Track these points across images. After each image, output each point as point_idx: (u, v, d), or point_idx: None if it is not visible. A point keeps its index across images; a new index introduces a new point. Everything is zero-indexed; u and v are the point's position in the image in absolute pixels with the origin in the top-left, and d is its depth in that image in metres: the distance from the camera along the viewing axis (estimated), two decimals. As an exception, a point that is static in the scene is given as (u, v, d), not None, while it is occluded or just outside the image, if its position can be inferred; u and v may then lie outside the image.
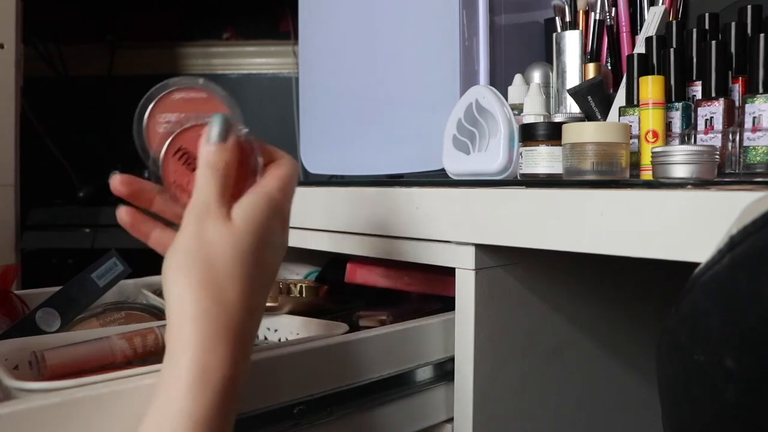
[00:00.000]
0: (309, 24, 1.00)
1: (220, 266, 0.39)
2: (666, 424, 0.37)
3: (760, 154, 0.56)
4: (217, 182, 0.42)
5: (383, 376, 0.55)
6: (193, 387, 0.36)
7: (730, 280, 0.31)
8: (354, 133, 0.91)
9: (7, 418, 0.36)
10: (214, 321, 0.38)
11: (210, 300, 0.38)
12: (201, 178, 0.42)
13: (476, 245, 0.57)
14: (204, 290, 0.38)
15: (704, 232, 0.42)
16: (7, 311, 0.66)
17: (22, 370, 0.52)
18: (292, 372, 0.49)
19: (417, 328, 0.58)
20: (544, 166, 0.62)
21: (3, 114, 1.37)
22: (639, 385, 0.78)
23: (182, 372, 0.36)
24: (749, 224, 0.31)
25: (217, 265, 0.39)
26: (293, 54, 1.91)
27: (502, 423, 0.61)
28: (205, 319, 0.38)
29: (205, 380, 0.36)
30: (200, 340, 0.37)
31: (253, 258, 0.41)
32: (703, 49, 0.61)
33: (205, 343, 0.37)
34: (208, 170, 0.42)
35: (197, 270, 0.39)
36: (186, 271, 0.39)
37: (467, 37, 0.77)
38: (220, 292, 0.39)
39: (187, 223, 0.41)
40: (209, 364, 0.37)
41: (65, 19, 1.92)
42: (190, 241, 0.40)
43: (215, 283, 0.39)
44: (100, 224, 1.62)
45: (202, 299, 0.38)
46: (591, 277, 0.70)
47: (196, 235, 0.40)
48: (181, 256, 0.40)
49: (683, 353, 0.34)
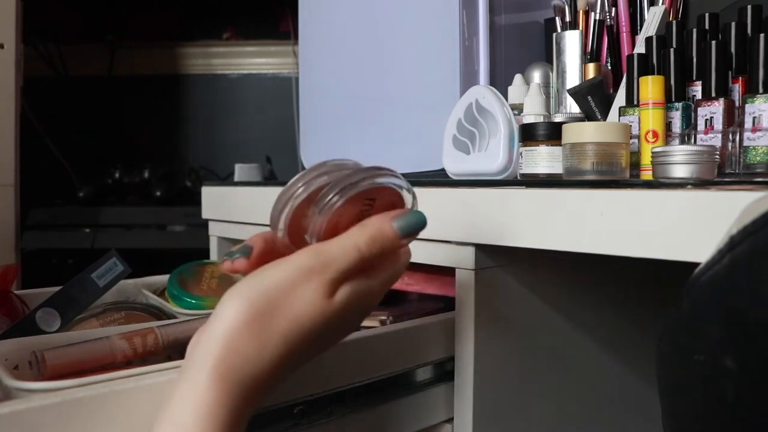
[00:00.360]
0: (309, 24, 1.00)
1: (282, 325, 0.37)
2: (666, 424, 0.37)
3: (760, 154, 0.56)
4: (355, 260, 0.38)
5: (383, 376, 0.55)
6: (197, 424, 0.35)
7: (730, 280, 0.31)
8: (354, 133, 0.91)
9: (7, 418, 0.36)
10: (239, 373, 0.36)
11: (248, 341, 0.36)
12: (348, 241, 0.38)
13: (476, 245, 0.57)
14: (248, 331, 0.36)
15: (704, 232, 0.42)
16: (7, 311, 0.66)
17: (22, 370, 0.52)
18: (292, 372, 0.49)
19: (417, 328, 0.58)
20: (544, 166, 0.62)
21: (3, 114, 1.37)
22: (639, 385, 0.78)
23: (191, 404, 0.36)
24: (749, 224, 0.31)
25: (281, 323, 0.37)
26: (293, 54, 1.92)
27: (502, 423, 0.61)
28: (232, 366, 0.36)
29: (211, 421, 0.35)
30: (218, 387, 0.36)
31: (317, 341, 0.38)
32: (703, 49, 0.61)
33: (222, 391, 0.36)
34: (361, 241, 0.38)
35: (256, 312, 0.36)
36: (248, 304, 0.37)
37: (467, 37, 0.77)
38: (264, 344, 0.37)
39: (288, 268, 0.38)
40: (220, 407, 0.36)
41: (65, 19, 1.92)
42: (278, 283, 0.37)
43: (266, 332, 0.37)
44: (100, 224, 1.62)
45: (242, 335, 0.36)
46: (591, 277, 0.70)
47: (289, 283, 0.37)
48: (255, 290, 0.37)
49: (683, 353, 0.34)
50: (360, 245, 0.38)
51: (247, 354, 0.36)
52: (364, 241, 0.38)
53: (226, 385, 0.36)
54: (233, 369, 0.36)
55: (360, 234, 0.39)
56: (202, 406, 0.35)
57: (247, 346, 0.37)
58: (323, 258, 0.38)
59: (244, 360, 0.36)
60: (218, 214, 0.95)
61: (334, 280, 0.38)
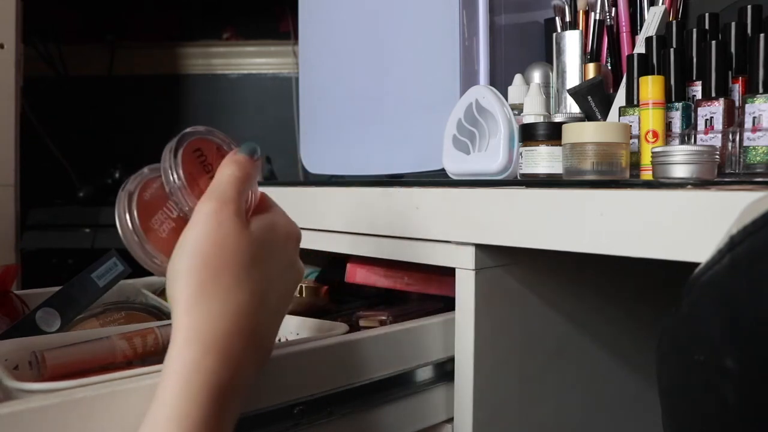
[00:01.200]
0: (309, 24, 1.00)
1: (232, 268, 0.39)
2: (666, 425, 0.37)
3: (760, 154, 0.56)
4: (238, 184, 0.41)
5: (383, 376, 0.55)
6: (180, 394, 0.36)
7: (730, 280, 0.31)
8: (354, 133, 0.91)
9: (7, 418, 0.36)
10: (209, 333, 0.38)
11: (214, 302, 0.38)
12: (223, 176, 0.42)
13: (476, 245, 0.57)
14: (208, 296, 0.38)
15: (704, 232, 0.42)
16: (7, 311, 0.66)
17: (22, 370, 0.52)
18: (292, 372, 0.49)
19: (417, 328, 0.58)
20: (544, 166, 0.62)
21: (3, 114, 1.37)
22: (639, 385, 0.78)
23: (171, 376, 0.37)
24: (749, 224, 0.31)
25: (230, 266, 0.39)
26: (293, 54, 1.91)
27: (502, 423, 0.61)
28: (198, 329, 0.38)
29: (193, 386, 0.36)
30: (192, 350, 0.37)
31: (266, 271, 0.40)
32: (703, 49, 0.61)
33: (197, 353, 0.37)
34: (233, 168, 0.42)
35: (206, 273, 0.39)
36: (196, 274, 0.39)
37: (467, 37, 0.77)
38: (226, 296, 0.39)
39: (197, 221, 0.40)
40: (199, 371, 0.37)
41: (65, 19, 1.92)
42: (202, 242, 0.39)
43: (223, 288, 0.39)
44: (100, 224, 1.62)
45: (203, 304, 0.38)
46: (591, 277, 0.70)
47: (210, 230, 0.39)
48: (189, 259, 0.39)
49: (683, 353, 0.34)
50: (232, 173, 0.42)
51: (210, 312, 0.38)
52: (232, 170, 0.42)
53: (201, 346, 0.37)
54: (203, 330, 0.38)
55: (225, 167, 0.43)
56: (180, 372, 0.36)
57: (209, 305, 0.38)
58: (216, 195, 0.41)
59: (210, 317, 0.38)
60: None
61: (239, 210, 0.41)
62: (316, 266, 0.92)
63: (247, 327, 0.40)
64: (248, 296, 0.40)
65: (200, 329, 0.38)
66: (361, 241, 0.68)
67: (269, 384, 0.48)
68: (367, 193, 0.67)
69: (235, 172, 0.42)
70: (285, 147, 1.79)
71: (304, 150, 1.01)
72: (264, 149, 0.46)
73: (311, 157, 0.99)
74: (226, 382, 0.38)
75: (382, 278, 0.72)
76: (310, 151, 0.99)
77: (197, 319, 0.38)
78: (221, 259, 0.39)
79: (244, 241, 0.40)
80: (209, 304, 0.38)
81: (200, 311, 0.38)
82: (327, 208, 0.72)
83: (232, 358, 0.38)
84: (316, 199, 0.74)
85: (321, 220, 0.73)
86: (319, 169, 0.99)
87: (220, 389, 0.37)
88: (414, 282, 0.72)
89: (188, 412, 0.36)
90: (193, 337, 0.37)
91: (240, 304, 0.39)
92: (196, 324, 0.38)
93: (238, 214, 0.41)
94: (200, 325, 0.38)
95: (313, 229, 0.74)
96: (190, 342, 0.37)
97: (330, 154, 0.96)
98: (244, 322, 0.39)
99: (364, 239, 0.68)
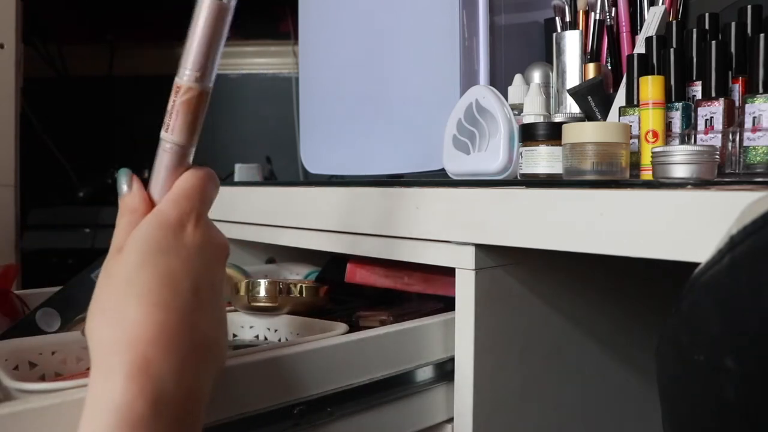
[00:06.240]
0: (309, 24, 1.00)
1: (114, 297, 0.39)
2: (666, 425, 0.37)
3: (760, 154, 0.56)
4: (123, 227, 0.43)
5: (383, 376, 0.55)
6: None
7: (730, 280, 0.31)
8: (354, 133, 0.91)
9: (7, 419, 0.36)
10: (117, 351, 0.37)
11: (110, 328, 0.37)
12: (116, 228, 0.43)
13: (476, 245, 0.57)
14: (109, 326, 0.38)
15: (704, 232, 0.42)
16: (7, 311, 0.66)
17: (22, 370, 0.52)
18: (292, 372, 0.49)
19: (417, 328, 0.58)
20: (544, 166, 0.62)
21: (3, 114, 1.37)
22: (639, 385, 0.78)
23: None
24: (749, 224, 0.31)
25: (113, 296, 0.39)
26: (293, 54, 1.91)
27: (502, 423, 0.61)
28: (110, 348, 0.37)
29: None
30: None
31: (145, 273, 0.39)
32: (703, 49, 0.61)
33: None
34: (120, 218, 0.43)
35: (100, 311, 0.39)
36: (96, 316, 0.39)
37: (467, 37, 0.77)
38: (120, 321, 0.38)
39: None
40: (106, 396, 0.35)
41: (65, 19, 1.92)
42: (100, 283, 0.41)
43: (121, 318, 0.38)
44: (100, 224, 1.62)
45: (104, 329, 0.38)
46: (591, 277, 0.70)
47: (103, 275, 0.41)
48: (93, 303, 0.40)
49: (683, 353, 0.34)
50: (120, 218, 0.44)
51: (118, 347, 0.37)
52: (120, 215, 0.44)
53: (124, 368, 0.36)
54: None
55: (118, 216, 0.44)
56: None
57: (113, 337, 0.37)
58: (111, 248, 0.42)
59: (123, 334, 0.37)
60: (218, 214, 0.95)
61: (119, 246, 0.41)
62: (316, 266, 0.92)
63: (200, 329, 0.40)
64: (145, 302, 0.39)
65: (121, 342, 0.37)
66: (361, 241, 0.68)
67: (269, 384, 0.48)
68: (367, 193, 0.67)
69: (120, 220, 0.43)
70: (285, 147, 1.79)
71: (304, 150, 1.01)
72: (264, 149, 0.46)
73: (311, 157, 0.99)
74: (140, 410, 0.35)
75: (382, 278, 0.72)
76: (310, 151, 0.99)
77: None
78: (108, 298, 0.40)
79: (119, 275, 0.40)
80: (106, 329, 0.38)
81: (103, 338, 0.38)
82: (327, 208, 0.72)
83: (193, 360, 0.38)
84: (316, 199, 0.74)
85: (321, 220, 0.73)
86: (319, 169, 0.99)
87: None
88: (414, 282, 0.72)
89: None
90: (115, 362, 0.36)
91: (135, 319, 0.38)
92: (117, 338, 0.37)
93: (114, 254, 0.41)
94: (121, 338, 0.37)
95: (313, 229, 0.74)
96: None
97: (330, 154, 0.96)
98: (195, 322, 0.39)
99: (364, 239, 0.68)
